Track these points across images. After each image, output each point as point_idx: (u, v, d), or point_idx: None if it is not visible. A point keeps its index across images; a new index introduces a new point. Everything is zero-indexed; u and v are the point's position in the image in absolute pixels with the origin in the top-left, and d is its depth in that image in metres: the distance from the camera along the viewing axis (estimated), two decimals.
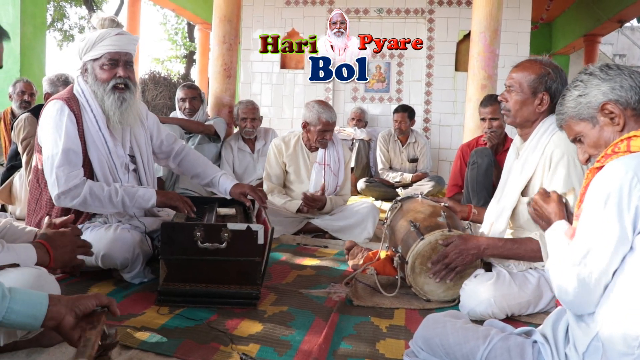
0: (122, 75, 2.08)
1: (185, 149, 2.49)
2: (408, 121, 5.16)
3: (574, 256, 1.11)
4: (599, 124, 1.25)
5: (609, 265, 1.08)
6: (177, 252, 1.83)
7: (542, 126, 1.91)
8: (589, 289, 1.09)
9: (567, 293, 1.12)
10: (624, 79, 1.21)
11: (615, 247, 1.07)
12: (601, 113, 1.24)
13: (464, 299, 1.86)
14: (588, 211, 1.12)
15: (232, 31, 4.75)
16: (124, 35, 2.09)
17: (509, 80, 1.95)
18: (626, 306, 1.05)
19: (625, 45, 14.23)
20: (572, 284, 1.10)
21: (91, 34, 2.08)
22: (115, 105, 2.08)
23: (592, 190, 1.13)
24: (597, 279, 1.08)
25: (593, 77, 1.25)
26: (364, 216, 3.14)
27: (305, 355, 1.50)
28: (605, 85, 1.23)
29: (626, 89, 1.20)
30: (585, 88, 1.26)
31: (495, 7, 4.31)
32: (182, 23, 15.83)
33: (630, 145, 1.12)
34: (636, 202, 1.05)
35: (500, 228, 1.95)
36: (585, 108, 1.26)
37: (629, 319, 1.04)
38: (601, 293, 1.09)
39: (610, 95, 1.22)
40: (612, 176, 1.08)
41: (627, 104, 1.21)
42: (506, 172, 2.07)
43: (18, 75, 4.58)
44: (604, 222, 1.08)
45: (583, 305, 1.11)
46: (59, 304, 1.13)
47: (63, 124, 1.99)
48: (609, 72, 1.23)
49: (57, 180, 1.95)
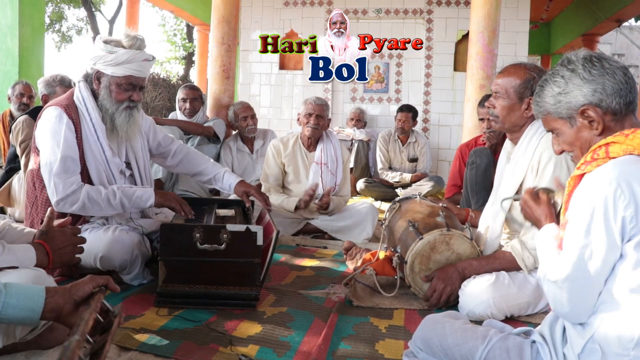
0: (135, 100, 2.13)
1: (185, 148, 2.49)
2: (411, 121, 5.18)
3: (564, 270, 1.11)
4: (576, 125, 1.22)
5: (601, 275, 1.08)
6: (176, 254, 1.83)
7: (530, 130, 1.92)
8: (583, 299, 1.10)
9: (563, 305, 1.13)
10: (606, 80, 1.16)
11: (605, 258, 1.07)
12: (580, 116, 1.20)
13: (463, 300, 1.86)
14: (575, 224, 1.12)
15: (231, 32, 4.75)
16: (149, 62, 2.12)
17: (495, 86, 1.96)
18: (621, 309, 1.06)
19: (623, 44, 14.23)
20: (565, 297, 1.11)
21: (120, 51, 2.03)
22: (125, 121, 2.12)
23: (577, 202, 1.13)
24: (589, 288, 1.09)
25: (575, 75, 1.20)
26: (363, 216, 3.15)
27: (305, 356, 1.50)
28: (587, 87, 1.18)
29: (608, 92, 1.16)
30: (566, 86, 1.21)
31: (493, 7, 4.31)
32: (181, 24, 15.84)
33: (609, 151, 1.11)
34: (622, 213, 1.05)
35: (496, 231, 1.96)
36: (564, 108, 1.22)
37: (624, 321, 1.05)
38: (595, 302, 1.10)
39: (592, 98, 1.17)
40: (595, 189, 1.08)
41: (608, 108, 1.17)
42: (498, 176, 2.09)
43: (16, 77, 4.58)
44: (592, 236, 1.08)
45: (579, 316, 1.12)
46: (56, 295, 1.13)
47: (62, 131, 1.99)
48: (592, 71, 1.17)
49: (55, 188, 1.96)
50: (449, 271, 1.92)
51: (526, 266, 1.83)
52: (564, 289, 1.11)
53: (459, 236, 1.96)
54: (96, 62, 2.06)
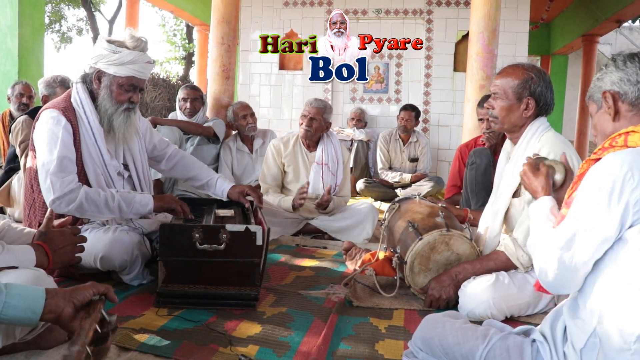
0: (135, 102, 2.13)
1: (180, 153, 2.49)
2: (414, 120, 5.19)
3: (558, 239, 1.14)
4: (601, 109, 1.27)
5: (592, 253, 1.10)
6: (175, 254, 1.83)
7: (530, 129, 1.93)
8: (569, 273, 1.12)
9: (547, 274, 1.16)
10: (635, 72, 1.21)
11: (599, 237, 1.09)
12: (603, 100, 1.25)
13: (463, 300, 1.86)
14: (579, 199, 1.14)
15: (231, 32, 4.75)
16: (151, 65, 2.13)
17: (493, 87, 1.97)
18: (622, 302, 1.06)
19: (623, 45, 14.24)
20: (553, 266, 1.14)
21: (125, 51, 2.03)
22: (123, 123, 2.12)
23: (586, 180, 1.14)
24: (577, 265, 1.11)
25: (614, 64, 1.26)
26: (363, 217, 3.14)
27: (304, 356, 1.50)
28: (617, 75, 1.23)
29: (632, 82, 1.20)
30: (604, 74, 1.27)
31: (493, 8, 4.31)
32: (180, 24, 15.83)
33: (627, 140, 1.12)
34: (627, 197, 1.06)
35: (495, 231, 1.97)
36: (596, 91, 1.28)
37: (626, 315, 1.05)
38: (580, 281, 1.13)
39: (615, 85, 1.22)
40: (607, 169, 1.09)
41: (625, 98, 1.21)
42: (498, 176, 2.09)
43: (16, 77, 4.57)
44: (593, 211, 1.09)
45: (560, 288, 1.16)
46: (56, 297, 1.12)
47: (59, 133, 1.98)
48: (628, 63, 1.23)
49: (51, 186, 1.93)
50: (442, 279, 1.94)
51: (522, 264, 1.83)
52: (552, 257, 1.13)
53: (458, 236, 1.96)
54: (98, 61, 2.06)
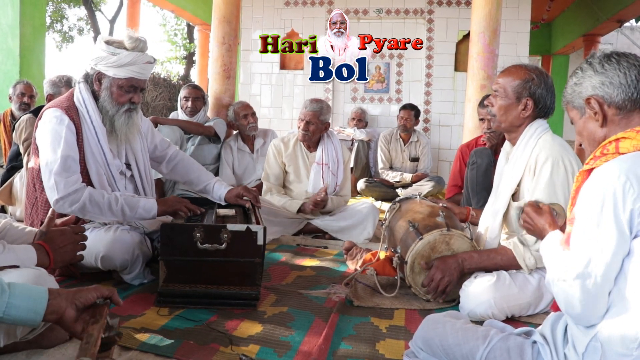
0: (136, 102, 2.13)
1: (179, 155, 2.49)
2: (414, 119, 5.19)
3: (575, 268, 1.09)
4: (585, 116, 1.25)
5: (611, 270, 1.07)
6: (176, 253, 1.83)
7: (528, 130, 1.93)
8: (595, 298, 1.07)
9: (574, 306, 1.09)
10: (616, 74, 1.19)
11: (615, 252, 1.06)
12: (587, 106, 1.24)
13: (464, 300, 1.86)
14: (584, 218, 1.11)
15: (232, 32, 4.75)
16: (151, 65, 2.12)
17: (495, 85, 1.98)
18: (625, 308, 1.06)
19: (624, 44, 14.22)
20: (577, 296, 1.08)
21: (123, 53, 2.02)
22: (124, 124, 2.12)
23: (586, 195, 1.12)
24: (601, 286, 1.07)
25: (590, 67, 1.24)
26: (364, 216, 3.14)
27: (305, 356, 1.50)
28: (597, 79, 1.21)
29: (615, 85, 1.19)
30: (582, 77, 1.25)
31: (494, 8, 4.32)
32: (181, 24, 15.84)
33: (619, 147, 1.11)
34: (630, 206, 1.05)
35: (495, 231, 1.97)
36: (577, 97, 1.26)
37: (628, 321, 1.04)
38: (606, 301, 1.08)
39: (598, 90, 1.21)
40: (605, 181, 1.08)
41: (611, 102, 1.19)
42: (498, 176, 2.09)
43: (17, 76, 4.58)
44: (602, 229, 1.07)
45: (590, 317, 1.09)
46: (59, 297, 1.13)
47: (62, 132, 1.98)
48: (606, 65, 1.21)
49: (56, 185, 1.93)
50: (448, 262, 1.92)
51: (527, 266, 1.83)
52: (574, 287, 1.08)
53: (459, 236, 1.96)
54: (97, 63, 2.06)
